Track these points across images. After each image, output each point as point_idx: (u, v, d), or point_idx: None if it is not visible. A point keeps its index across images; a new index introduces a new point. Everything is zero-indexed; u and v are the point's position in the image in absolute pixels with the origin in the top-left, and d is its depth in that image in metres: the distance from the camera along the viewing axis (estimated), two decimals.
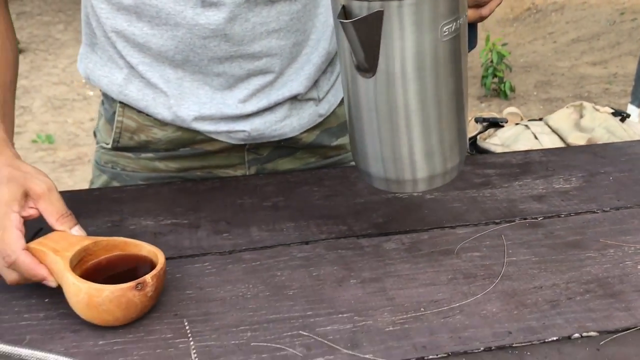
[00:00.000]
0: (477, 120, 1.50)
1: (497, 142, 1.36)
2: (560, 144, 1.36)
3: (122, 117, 0.80)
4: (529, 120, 1.45)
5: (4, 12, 0.75)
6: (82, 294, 0.54)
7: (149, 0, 0.70)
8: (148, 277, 0.55)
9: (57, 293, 0.58)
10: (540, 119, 1.44)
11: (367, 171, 0.59)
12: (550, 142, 1.36)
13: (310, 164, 0.89)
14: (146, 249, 0.60)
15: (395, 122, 0.54)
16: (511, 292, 0.60)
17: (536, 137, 1.34)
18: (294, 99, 0.80)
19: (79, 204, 0.77)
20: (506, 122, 1.46)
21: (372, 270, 0.64)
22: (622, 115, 1.41)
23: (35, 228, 0.65)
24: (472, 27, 0.63)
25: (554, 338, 0.54)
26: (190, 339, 0.43)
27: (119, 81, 0.77)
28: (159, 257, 0.58)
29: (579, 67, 5.49)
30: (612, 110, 1.39)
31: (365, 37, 0.50)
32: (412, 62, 0.52)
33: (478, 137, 1.44)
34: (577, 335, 0.55)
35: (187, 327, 0.45)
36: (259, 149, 0.84)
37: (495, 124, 1.45)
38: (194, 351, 0.42)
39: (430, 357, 0.52)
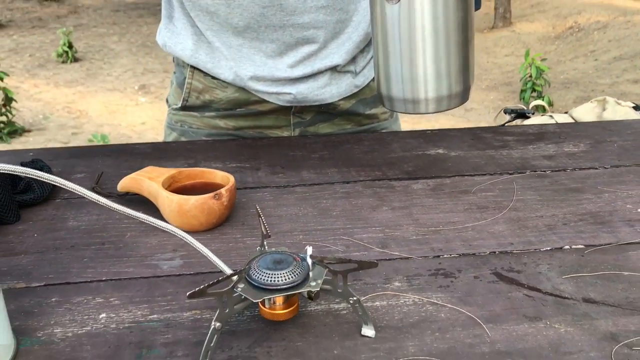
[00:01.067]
0: (505, 111, 1.61)
1: None
2: None
3: (191, 79, 0.96)
4: (554, 113, 1.56)
5: None
6: (174, 204, 0.69)
7: None
8: (223, 190, 0.70)
9: (149, 209, 0.73)
10: (566, 112, 1.55)
11: (389, 95, 0.72)
12: None
13: (347, 130, 1.03)
14: (219, 174, 0.75)
15: (413, 45, 0.67)
16: (516, 218, 0.73)
17: None
18: (334, 69, 0.95)
19: (160, 152, 0.93)
20: (533, 113, 1.57)
21: (401, 201, 0.77)
22: None
23: (99, 172, 0.82)
24: None
25: (548, 248, 0.67)
26: (261, 216, 0.57)
27: (190, 47, 0.94)
28: (230, 178, 0.73)
29: (620, 84, 5.51)
30: (634, 105, 1.49)
31: None
32: None
33: (506, 125, 1.56)
34: (567, 247, 0.67)
35: (257, 208, 0.59)
36: (303, 112, 0.99)
37: (523, 114, 1.57)
38: (264, 221, 0.56)
39: (445, 256, 0.65)
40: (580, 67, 6.15)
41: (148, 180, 0.73)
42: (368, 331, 0.53)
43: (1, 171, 0.49)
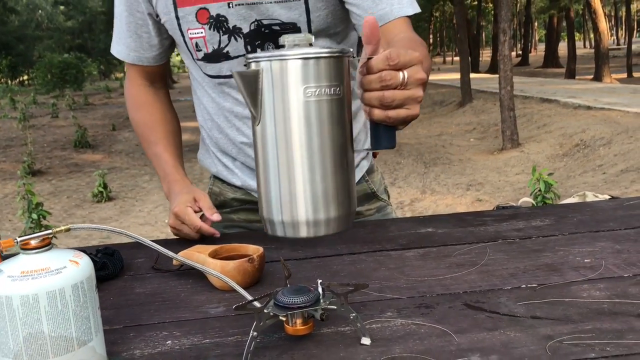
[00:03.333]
0: (497, 208, 1.82)
1: None
2: None
3: (212, 186, 1.30)
4: None
5: (161, 87, 1.25)
6: (218, 267, 0.90)
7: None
8: (255, 256, 0.91)
9: (199, 274, 0.94)
10: None
11: (269, 218, 0.73)
12: None
13: None
14: (251, 247, 0.96)
15: (274, 166, 0.68)
16: (486, 271, 0.92)
17: None
18: None
19: (199, 242, 1.15)
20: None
21: (396, 264, 0.97)
22: None
23: (155, 255, 1.04)
24: (387, 128, 0.69)
25: (508, 287, 0.85)
26: (284, 263, 0.78)
27: (215, 162, 1.25)
28: (260, 249, 0.94)
29: (630, 194, 5.69)
30: (610, 197, 1.68)
31: (249, 89, 0.64)
32: (282, 115, 0.65)
33: None
34: (524, 286, 0.85)
35: (282, 258, 0.80)
36: None
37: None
38: (287, 265, 0.77)
39: (427, 296, 0.84)
40: (590, 180, 6.38)
41: (197, 253, 0.94)
42: (366, 340, 0.71)
43: (135, 239, 0.71)
